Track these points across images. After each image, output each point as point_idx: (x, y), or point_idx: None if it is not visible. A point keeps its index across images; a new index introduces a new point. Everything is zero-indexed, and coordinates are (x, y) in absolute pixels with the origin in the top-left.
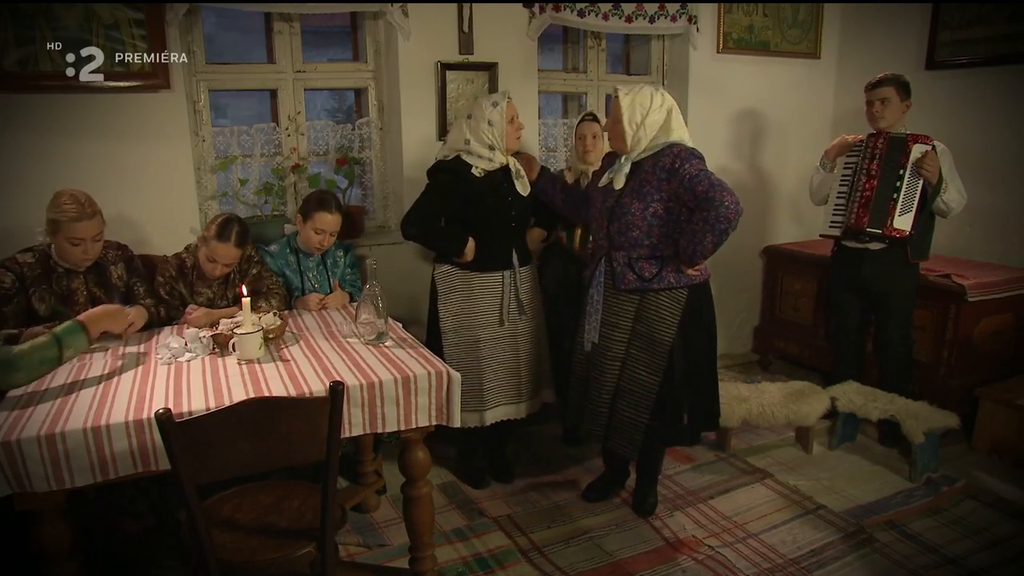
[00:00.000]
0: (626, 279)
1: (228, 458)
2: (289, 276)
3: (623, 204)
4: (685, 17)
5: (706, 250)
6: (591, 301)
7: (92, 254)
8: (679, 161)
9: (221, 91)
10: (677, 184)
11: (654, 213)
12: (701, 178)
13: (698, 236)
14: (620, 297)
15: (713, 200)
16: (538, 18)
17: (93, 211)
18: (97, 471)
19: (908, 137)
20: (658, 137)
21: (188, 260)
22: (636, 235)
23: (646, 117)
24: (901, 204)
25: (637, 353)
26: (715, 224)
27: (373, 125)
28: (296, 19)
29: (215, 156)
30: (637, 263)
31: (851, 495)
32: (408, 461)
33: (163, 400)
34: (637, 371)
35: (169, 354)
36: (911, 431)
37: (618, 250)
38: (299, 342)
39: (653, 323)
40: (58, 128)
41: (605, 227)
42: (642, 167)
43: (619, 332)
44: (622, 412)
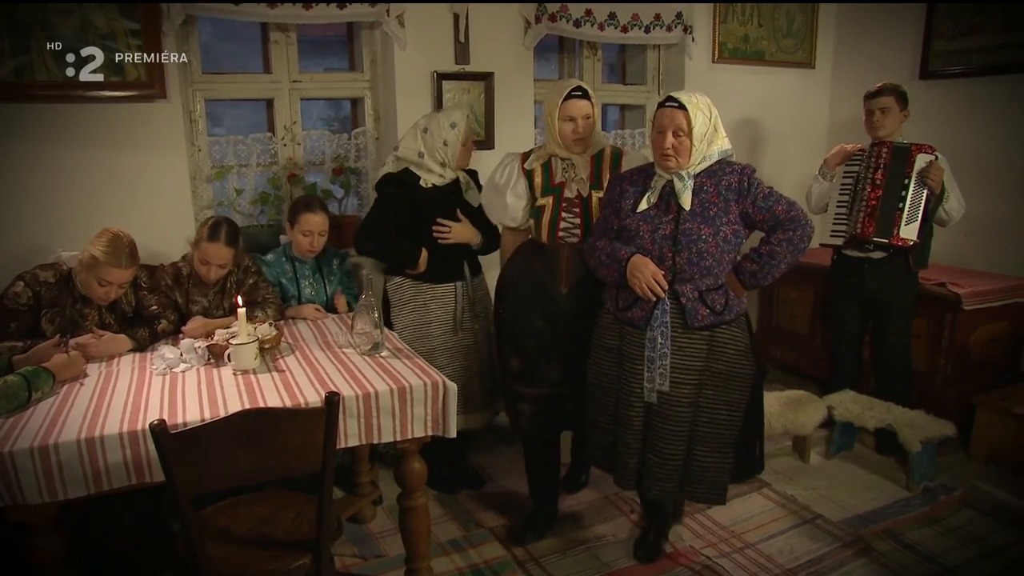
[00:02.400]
0: (698, 315)
1: (223, 469)
2: (285, 285)
3: (690, 230)
4: (680, 27)
5: (779, 272)
6: (654, 346)
7: (114, 297)
8: (746, 179)
9: (217, 100)
10: (749, 204)
11: (724, 238)
12: (776, 196)
13: (777, 258)
14: (691, 336)
15: (799, 220)
16: (534, 28)
17: (132, 262)
18: (91, 483)
19: (912, 147)
20: (711, 147)
21: (184, 269)
22: (709, 263)
23: (711, 126)
24: (907, 213)
25: (714, 393)
26: (798, 244)
27: (369, 135)
28: (292, 29)
29: (211, 166)
30: (708, 295)
31: (848, 504)
32: (404, 472)
33: (158, 411)
34: (717, 413)
35: (164, 365)
36: (908, 440)
37: (685, 283)
38: (295, 352)
39: (731, 358)
40: (53, 137)
41: (670, 258)
42: (697, 187)
43: (691, 375)
44: (704, 459)
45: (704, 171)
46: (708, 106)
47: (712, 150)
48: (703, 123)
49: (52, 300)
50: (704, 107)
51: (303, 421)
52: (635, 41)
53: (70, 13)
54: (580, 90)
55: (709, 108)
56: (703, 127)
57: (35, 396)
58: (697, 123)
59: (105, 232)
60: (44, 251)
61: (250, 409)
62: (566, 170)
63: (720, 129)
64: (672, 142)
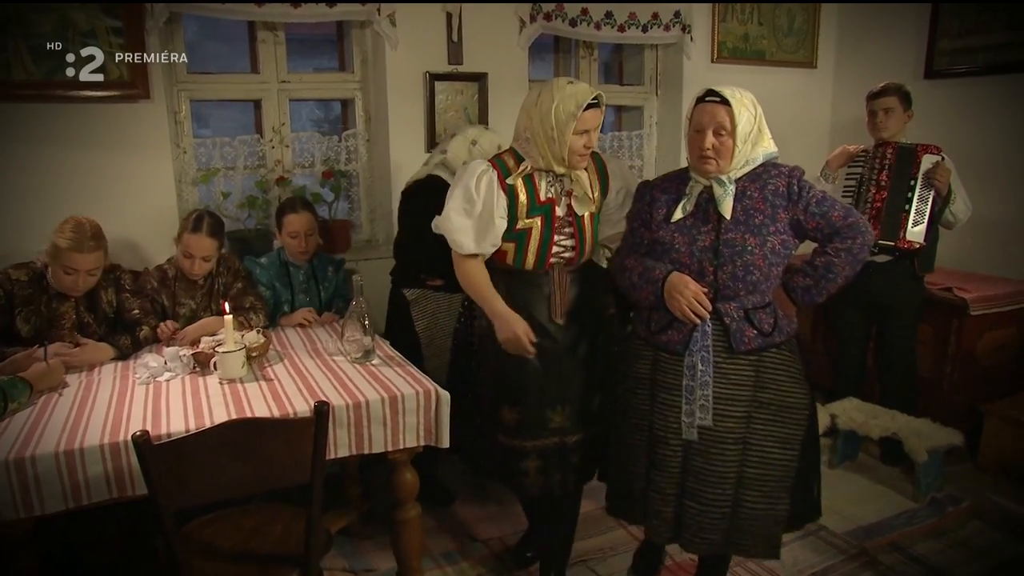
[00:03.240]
0: (745, 337)
1: (208, 482)
2: (279, 289)
3: (733, 240)
4: (679, 26)
5: (835, 287)
6: (693, 374)
7: (84, 286)
8: (795, 182)
9: (203, 101)
10: (800, 211)
11: (772, 249)
12: (831, 201)
13: (834, 271)
14: (737, 361)
15: (858, 227)
16: (529, 27)
17: (96, 245)
18: (69, 497)
19: (917, 147)
20: (755, 149)
21: (170, 271)
22: (756, 278)
23: (756, 126)
24: (914, 215)
25: (764, 427)
26: (858, 255)
27: (360, 137)
28: (280, 28)
29: (196, 168)
30: (755, 314)
31: (853, 516)
32: (395, 483)
33: (140, 422)
34: (768, 450)
35: (147, 374)
36: (914, 449)
37: (729, 300)
38: (283, 360)
39: (783, 386)
40: (31, 138)
41: (711, 273)
42: (739, 192)
43: (737, 406)
44: (754, 506)
45: (747, 175)
46: (753, 103)
47: (756, 153)
48: (748, 122)
49: (26, 299)
50: (749, 104)
51: (291, 432)
52: (632, 41)
53: (48, 10)
54: (597, 99)
55: (754, 105)
56: (747, 126)
57: (11, 407)
58: (741, 121)
59: (68, 220)
60: (22, 255)
61: (236, 419)
62: (552, 183)
63: (765, 129)
64: (712, 142)
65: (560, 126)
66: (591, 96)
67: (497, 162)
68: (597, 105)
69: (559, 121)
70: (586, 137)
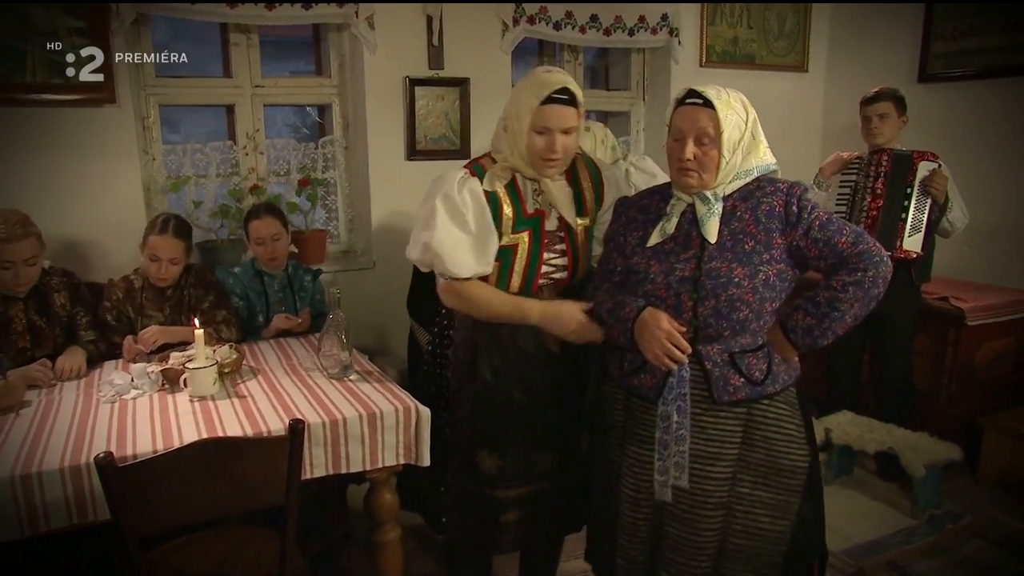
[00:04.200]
0: (729, 386)
1: (177, 506)
2: (253, 299)
3: (717, 271)
4: (666, 30)
5: (843, 328)
6: (667, 426)
7: (25, 279)
8: (795, 201)
9: (173, 106)
10: (799, 235)
11: (765, 281)
12: (838, 224)
13: (841, 308)
14: (720, 414)
15: (870, 256)
16: (512, 31)
17: (25, 232)
18: (26, 524)
19: (914, 154)
20: (746, 160)
21: (136, 281)
22: (744, 316)
23: (746, 134)
24: (910, 224)
25: (752, 492)
26: (870, 290)
27: (338, 144)
28: (254, 30)
29: (166, 176)
30: (743, 359)
31: (849, 533)
32: (374, 504)
33: (104, 443)
34: (756, 519)
35: (113, 391)
36: (911, 464)
37: (711, 342)
38: (257, 377)
39: (776, 445)
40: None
41: (688, 308)
42: (727, 213)
43: (719, 466)
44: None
45: (738, 191)
46: (744, 105)
47: (749, 165)
48: (736, 127)
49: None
50: (738, 106)
51: (265, 451)
52: (618, 45)
53: (5, 9)
54: (566, 92)
55: (745, 108)
56: (735, 133)
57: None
58: (728, 127)
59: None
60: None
61: (207, 439)
62: (538, 192)
63: (760, 137)
64: (694, 151)
65: (519, 119)
66: (555, 87)
67: (474, 168)
68: (568, 102)
69: (519, 113)
70: (548, 138)
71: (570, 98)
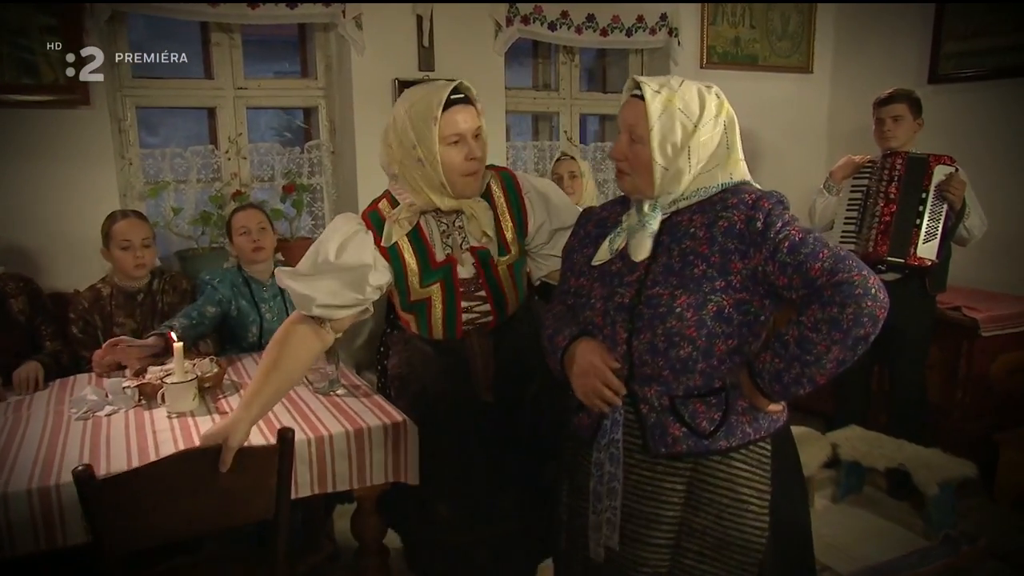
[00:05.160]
0: (668, 436)
1: (160, 520)
2: (244, 307)
3: (658, 298)
4: (665, 30)
5: (823, 375)
6: (601, 475)
7: None
8: (761, 216)
9: (151, 108)
10: (764, 259)
11: (717, 313)
12: (814, 246)
13: (813, 351)
14: (656, 468)
15: (850, 287)
16: (505, 31)
17: None
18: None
19: (929, 158)
20: (711, 173)
21: (104, 289)
22: (687, 354)
23: (693, 136)
24: (925, 231)
25: (698, 566)
26: (850, 330)
27: (324, 148)
28: (237, 30)
29: (144, 182)
30: (687, 405)
31: (859, 555)
32: (361, 524)
33: (76, 462)
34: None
35: (85, 408)
36: (923, 482)
37: (650, 383)
38: (239, 391)
39: (725, 512)
40: None
41: (622, 340)
42: (680, 228)
43: (656, 531)
44: None
45: (698, 204)
46: (701, 104)
47: (714, 179)
48: (673, 128)
49: None
50: (691, 103)
51: (253, 461)
52: (616, 45)
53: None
54: (459, 91)
55: (701, 108)
56: (672, 133)
57: None
58: (656, 124)
59: None
60: None
61: (191, 448)
62: (448, 233)
63: (733, 146)
64: (623, 150)
65: (421, 138)
66: (449, 89)
67: (371, 217)
68: (465, 101)
69: (418, 132)
70: (463, 147)
71: (466, 96)
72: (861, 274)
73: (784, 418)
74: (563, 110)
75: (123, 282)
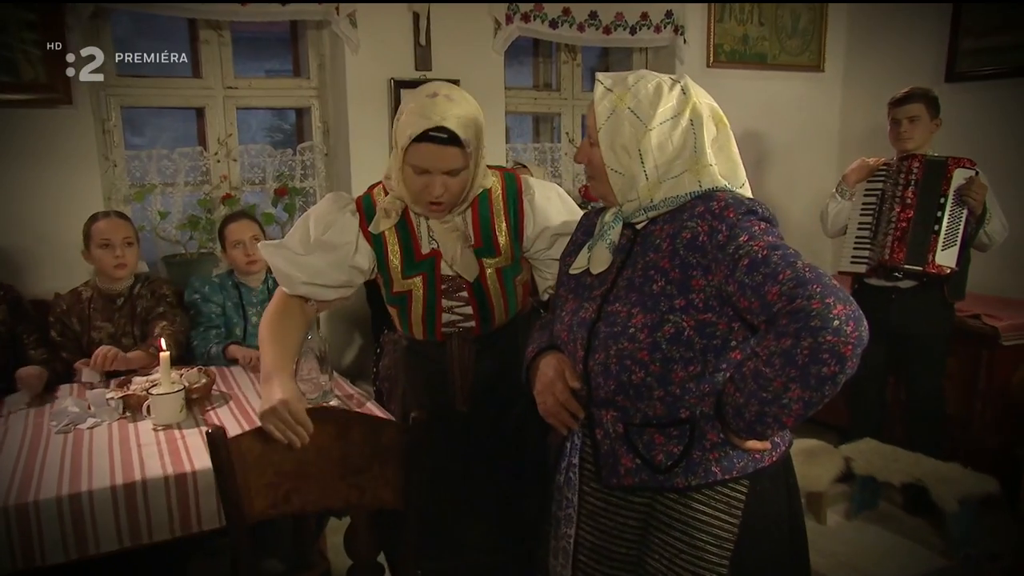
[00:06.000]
0: (620, 467)
1: None
2: (230, 313)
3: (615, 315)
4: (671, 27)
5: (789, 413)
6: (559, 500)
7: None
8: (723, 227)
9: (137, 108)
10: (724, 278)
11: (675, 336)
12: (775, 265)
13: (769, 388)
14: (610, 500)
15: (806, 315)
16: (505, 29)
17: None
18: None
19: (948, 160)
20: (678, 179)
21: (85, 292)
22: (639, 378)
23: (644, 138)
24: (944, 237)
25: None
26: (807, 366)
27: (317, 150)
28: (226, 27)
29: (129, 184)
30: (642, 434)
31: (873, 574)
32: (355, 540)
33: (56, 478)
34: None
35: (67, 420)
36: (942, 498)
37: (606, 407)
38: (229, 403)
39: (679, 559)
40: None
41: (579, 359)
42: (649, 239)
43: (609, 566)
44: None
45: (668, 213)
46: (649, 100)
47: (680, 188)
48: (613, 126)
49: None
50: (633, 99)
51: None
52: (619, 44)
53: None
54: (444, 131)
55: (650, 103)
56: (615, 134)
57: None
58: (605, 126)
59: None
60: None
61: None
62: (434, 228)
63: (701, 149)
64: (585, 154)
65: (396, 149)
66: (432, 125)
67: (364, 201)
68: (448, 142)
69: (396, 141)
70: (426, 179)
71: (450, 137)
72: (824, 302)
73: (776, 457)
74: (565, 111)
75: (104, 285)
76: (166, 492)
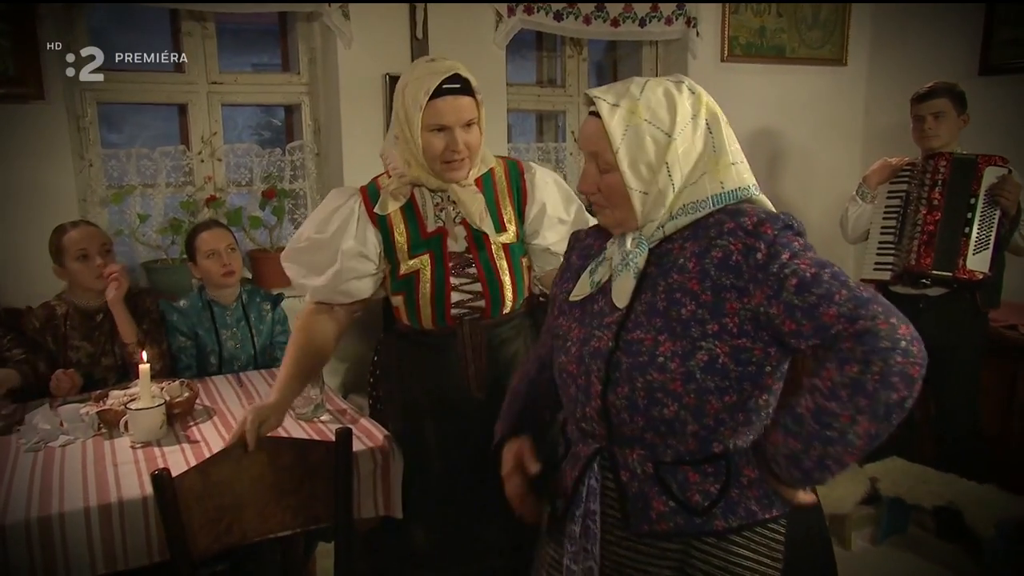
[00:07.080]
0: (652, 510)
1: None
2: (202, 336)
3: (639, 344)
4: (683, 19)
5: (853, 451)
6: (574, 551)
7: None
8: (762, 246)
9: (114, 104)
10: (766, 299)
11: (708, 364)
12: (828, 285)
13: (835, 424)
14: (639, 548)
15: (874, 337)
16: (506, 22)
17: None
18: None
19: (979, 158)
20: (697, 184)
21: (59, 307)
22: (672, 412)
23: (669, 148)
24: (976, 240)
25: None
26: (878, 392)
27: (307, 149)
28: (210, 18)
29: (106, 185)
30: (676, 473)
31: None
32: (340, 565)
33: (24, 499)
34: None
35: (37, 438)
36: (977, 522)
37: (631, 444)
38: (212, 418)
39: None
40: None
41: (596, 394)
42: (670, 257)
43: None
44: None
45: (689, 227)
46: (665, 105)
47: (701, 193)
48: (633, 144)
49: None
50: (647, 109)
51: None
52: (628, 37)
53: None
54: (458, 80)
55: (666, 108)
56: (637, 152)
57: None
58: (622, 146)
59: None
60: None
61: None
62: (442, 207)
63: (721, 148)
64: (594, 183)
65: (409, 120)
66: (445, 75)
67: (369, 187)
68: (462, 91)
69: (408, 112)
70: (447, 136)
71: (463, 86)
72: (889, 322)
73: (802, 499)
74: (570, 108)
75: (81, 300)
76: (144, 514)
